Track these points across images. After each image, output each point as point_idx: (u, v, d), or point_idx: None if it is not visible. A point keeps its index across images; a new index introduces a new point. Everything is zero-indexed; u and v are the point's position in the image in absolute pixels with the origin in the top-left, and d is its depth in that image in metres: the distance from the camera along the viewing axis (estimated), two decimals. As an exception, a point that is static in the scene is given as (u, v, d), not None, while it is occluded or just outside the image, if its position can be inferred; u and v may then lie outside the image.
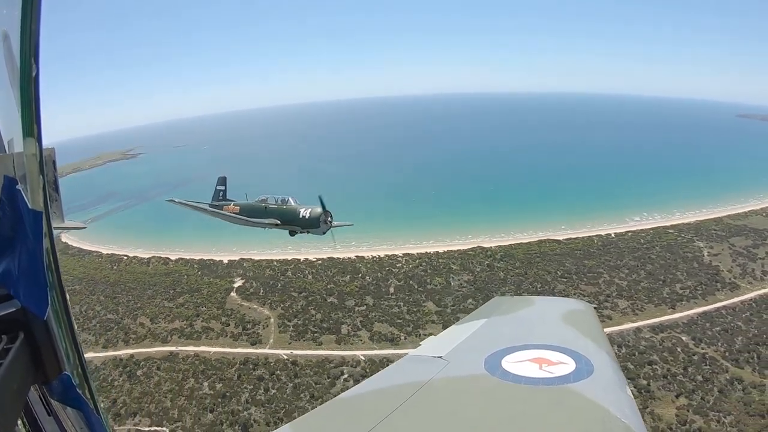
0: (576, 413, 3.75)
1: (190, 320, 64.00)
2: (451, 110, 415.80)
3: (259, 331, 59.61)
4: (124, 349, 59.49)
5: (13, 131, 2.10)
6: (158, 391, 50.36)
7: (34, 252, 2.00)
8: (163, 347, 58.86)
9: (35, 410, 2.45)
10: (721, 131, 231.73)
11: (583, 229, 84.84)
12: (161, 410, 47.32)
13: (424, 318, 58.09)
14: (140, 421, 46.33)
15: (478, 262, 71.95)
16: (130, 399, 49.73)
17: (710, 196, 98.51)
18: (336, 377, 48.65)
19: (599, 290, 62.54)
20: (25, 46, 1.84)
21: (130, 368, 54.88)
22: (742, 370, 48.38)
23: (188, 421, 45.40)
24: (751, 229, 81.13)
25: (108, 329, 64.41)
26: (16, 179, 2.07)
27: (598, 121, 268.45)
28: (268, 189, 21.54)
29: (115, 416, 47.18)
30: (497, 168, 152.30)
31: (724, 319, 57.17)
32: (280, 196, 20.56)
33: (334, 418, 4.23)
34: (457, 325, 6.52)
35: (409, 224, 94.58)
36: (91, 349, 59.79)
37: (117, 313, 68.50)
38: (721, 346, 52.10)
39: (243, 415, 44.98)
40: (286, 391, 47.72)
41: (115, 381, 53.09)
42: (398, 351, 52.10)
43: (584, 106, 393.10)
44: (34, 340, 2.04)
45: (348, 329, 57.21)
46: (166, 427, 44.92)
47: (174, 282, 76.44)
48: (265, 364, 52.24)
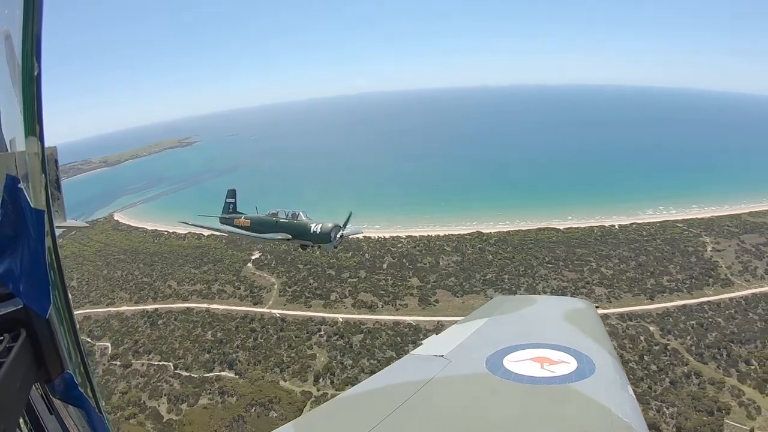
0: (578, 412, 3.82)
1: (209, 284, 74.86)
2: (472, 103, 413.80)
3: (262, 294, 69.19)
4: (152, 304, 71.24)
5: (15, 130, 2.14)
6: (171, 336, 61.22)
7: (36, 251, 2.03)
8: (183, 304, 69.94)
9: (37, 409, 2.47)
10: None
11: (591, 219, 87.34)
12: (170, 350, 57.99)
13: (404, 291, 64.78)
14: (152, 357, 57.17)
15: (471, 245, 77.30)
16: (148, 341, 60.95)
17: (736, 193, 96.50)
18: (313, 333, 57.12)
19: (580, 277, 65.77)
20: (27, 46, 1.91)
21: (153, 318, 66.31)
22: (704, 365, 49.11)
23: (189, 358, 55.68)
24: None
25: (141, 289, 76.74)
26: (19, 178, 2.09)
27: (654, 118, 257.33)
28: (303, 179, 26.22)
29: (134, 353, 58.65)
30: (536, 160, 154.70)
31: (704, 314, 57.41)
32: (290, 210, 20.80)
33: (336, 416, 4.32)
34: (458, 324, 6.56)
35: (424, 210, 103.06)
36: (125, 303, 72.53)
37: (151, 277, 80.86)
38: (690, 339, 53.00)
39: (231, 356, 54.76)
40: (271, 341, 56.86)
41: (139, 327, 64.72)
42: (374, 316, 59.84)
43: (649, 101, 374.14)
44: (36, 339, 2.09)
45: (336, 296, 65.30)
46: (171, 363, 55.36)
47: (202, 254, 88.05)
48: (260, 320, 61.70)
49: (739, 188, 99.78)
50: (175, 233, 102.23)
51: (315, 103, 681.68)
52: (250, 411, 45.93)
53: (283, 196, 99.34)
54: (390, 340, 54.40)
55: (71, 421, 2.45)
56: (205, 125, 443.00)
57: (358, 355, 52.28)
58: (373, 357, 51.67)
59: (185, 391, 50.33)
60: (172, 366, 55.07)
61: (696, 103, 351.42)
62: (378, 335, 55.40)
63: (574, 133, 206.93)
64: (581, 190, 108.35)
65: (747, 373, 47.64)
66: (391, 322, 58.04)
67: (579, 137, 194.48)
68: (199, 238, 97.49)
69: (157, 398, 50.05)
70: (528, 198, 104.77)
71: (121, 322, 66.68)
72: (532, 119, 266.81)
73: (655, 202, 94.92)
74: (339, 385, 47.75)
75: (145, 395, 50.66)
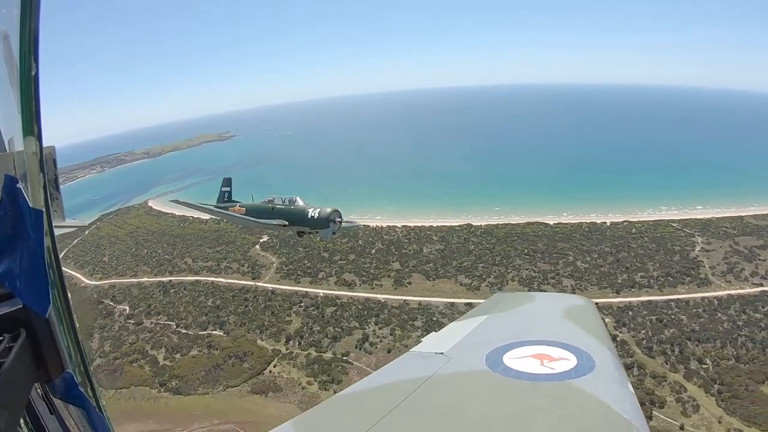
0: (577, 409, 3.93)
1: (218, 261, 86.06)
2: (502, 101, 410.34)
3: (261, 271, 79.35)
4: (168, 276, 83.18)
5: (13, 130, 2.17)
6: (178, 302, 72.50)
7: (35, 250, 2.07)
8: (194, 277, 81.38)
9: (38, 409, 2.51)
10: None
11: (585, 216, 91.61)
12: (176, 313, 69.21)
13: (384, 273, 72.87)
14: (160, 318, 68.65)
15: (458, 236, 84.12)
16: (159, 305, 72.53)
17: (747, 195, 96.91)
18: (295, 304, 66.69)
19: (553, 269, 70.90)
20: (24, 46, 1.93)
21: (166, 288, 78.01)
22: (651, 359, 51.76)
23: (189, 319, 66.64)
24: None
25: (161, 264, 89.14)
26: (17, 178, 2.12)
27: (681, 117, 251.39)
28: (322, 173, 30.40)
29: (146, 314, 70.32)
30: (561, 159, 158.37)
31: (669, 311, 59.73)
32: (287, 196, 20.86)
33: (336, 414, 4.46)
34: (458, 321, 6.78)
35: (430, 203, 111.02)
36: (146, 276, 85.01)
37: (171, 255, 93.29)
38: (643, 333, 55.56)
39: (222, 318, 65.39)
40: (258, 309, 67.04)
41: (154, 294, 76.55)
42: (350, 293, 68.52)
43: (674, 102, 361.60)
44: (36, 339, 2.12)
45: (323, 275, 74.38)
46: (174, 322, 66.47)
47: (218, 237, 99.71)
48: (253, 292, 71.97)
49: (753, 190, 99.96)
50: (198, 219, 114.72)
51: (365, 99, 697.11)
52: (228, 361, 56.35)
53: (300, 187, 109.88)
54: (357, 313, 62.99)
55: (72, 420, 2.51)
56: (246, 120, 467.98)
57: (326, 324, 61.29)
58: (338, 326, 60.70)
59: (181, 344, 61.30)
60: (175, 325, 66.32)
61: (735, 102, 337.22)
62: (348, 309, 64.11)
63: (604, 132, 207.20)
64: (590, 188, 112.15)
65: (696, 371, 49.97)
66: (363, 298, 66.48)
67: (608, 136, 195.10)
68: (218, 223, 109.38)
69: (158, 349, 61.22)
70: (533, 194, 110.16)
71: (140, 290, 78.83)
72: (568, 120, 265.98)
73: (659, 202, 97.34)
74: (304, 346, 57.63)
75: (149, 346, 62.00)
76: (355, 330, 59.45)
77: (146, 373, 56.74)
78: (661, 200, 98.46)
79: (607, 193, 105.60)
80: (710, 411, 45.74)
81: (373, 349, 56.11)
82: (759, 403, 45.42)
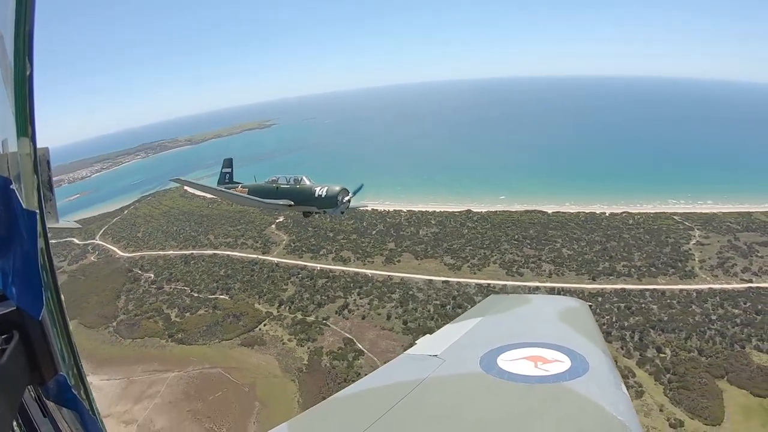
0: (571, 411, 3.97)
1: (236, 238, 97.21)
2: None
3: (272, 247, 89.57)
4: (191, 250, 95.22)
5: (6, 131, 2.19)
6: (196, 271, 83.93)
7: (28, 252, 2.11)
8: (212, 251, 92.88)
9: (30, 412, 2.55)
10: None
11: (587, 206, 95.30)
12: (192, 280, 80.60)
13: (377, 251, 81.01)
14: (178, 284, 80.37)
15: (454, 220, 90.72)
16: (179, 273, 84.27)
17: (759, 191, 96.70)
18: (293, 275, 76.25)
19: (537, 254, 75.89)
20: (19, 46, 1.97)
21: (187, 260, 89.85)
22: (608, 344, 55.90)
23: (202, 285, 77.80)
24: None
25: (187, 240, 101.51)
26: (11, 179, 2.17)
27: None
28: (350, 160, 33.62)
29: (167, 281, 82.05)
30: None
31: (641, 299, 61.94)
32: (292, 176, 20.85)
33: (329, 417, 4.50)
34: (452, 323, 6.82)
35: (440, 190, 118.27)
36: (172, 249, 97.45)
37: (197, 232, 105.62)
38: (605, 319, 58.04)
39: (230, 284, 76.28)
40: (262, 278, 77.21)
41: (176, 264, 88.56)
42: (343, 268, 76.98)
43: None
44: (29, 341, 2.16)
45: (324, 252, 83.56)
46: (189, 288, 77.82)
47: (241, 217, 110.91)
48: (260, 264, 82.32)
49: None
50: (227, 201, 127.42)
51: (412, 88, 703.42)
52: (227, 320, 66.83)
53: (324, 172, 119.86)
54: (344, 285, 71.59)
55: (65, 423, 2.54)
56: (288, 108, 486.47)
57: (316, 293, 70.46)
58: (325, 294, 69.63)
59: (192, 305, 72.54)
60: (189, 289, 77.70)
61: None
62: (338, 281, 72.90)
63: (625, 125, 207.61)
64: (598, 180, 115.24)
65: (651, 359, 52.06)
66: (354, 273, 74.99)
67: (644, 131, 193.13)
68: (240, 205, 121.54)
69: (172, 308, 72.67)
70: (539, 184, 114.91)
71: (165, 261, 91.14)
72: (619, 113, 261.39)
73: (667, 195, 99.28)
74: (293, 310, 67.17)
75: (165, 306, 73.65)
76: (339, 299, 68.17)
77: (159, 327, 68.22)
78: (669, 193, 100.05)
79: (614, 185, 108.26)
80: (654, 398, 47.45)
81: (350, 315, 64.51)
82: (708, 397, 46.62)
